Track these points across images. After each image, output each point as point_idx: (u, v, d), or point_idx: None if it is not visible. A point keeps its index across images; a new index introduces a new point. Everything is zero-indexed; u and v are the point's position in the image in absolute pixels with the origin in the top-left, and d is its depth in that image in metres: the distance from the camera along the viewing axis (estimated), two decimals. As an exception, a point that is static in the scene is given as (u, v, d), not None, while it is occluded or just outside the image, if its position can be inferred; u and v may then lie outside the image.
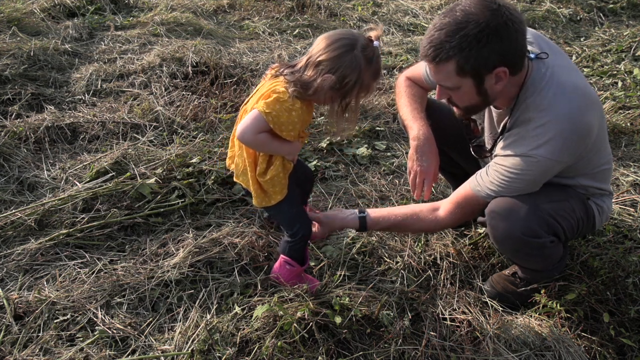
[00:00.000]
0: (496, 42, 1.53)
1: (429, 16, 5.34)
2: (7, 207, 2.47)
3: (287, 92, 1.68)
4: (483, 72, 1.59)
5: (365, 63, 1.67)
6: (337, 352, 1.76)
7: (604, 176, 1.88)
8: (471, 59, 1.55)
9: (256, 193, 1.84)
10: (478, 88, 1.65)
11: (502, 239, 1.78)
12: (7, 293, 2.02)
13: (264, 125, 1.66)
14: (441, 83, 1.68)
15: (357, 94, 1.72)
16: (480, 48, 1.53)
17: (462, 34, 1.53)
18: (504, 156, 1.73)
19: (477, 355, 1.78)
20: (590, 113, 1.66)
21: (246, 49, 4.51)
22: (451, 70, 1.60)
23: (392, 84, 3.90)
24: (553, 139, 1.62)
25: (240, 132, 1.68)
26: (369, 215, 2.00)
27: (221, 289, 2.04)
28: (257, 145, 1.74)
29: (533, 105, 1.66)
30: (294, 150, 1.81)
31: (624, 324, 1.89)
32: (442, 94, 1.74)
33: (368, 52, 1.68)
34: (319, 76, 1.65)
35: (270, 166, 1.80)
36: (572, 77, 1.70)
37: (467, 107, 1.76)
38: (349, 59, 1.64)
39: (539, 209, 1.72)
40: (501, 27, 1.53)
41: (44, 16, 4.76)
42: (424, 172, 2.01)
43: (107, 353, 1.77)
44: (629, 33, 4.66)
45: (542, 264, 1.89)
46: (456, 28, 1.54)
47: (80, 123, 3.18)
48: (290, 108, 1.67)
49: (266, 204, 1.86)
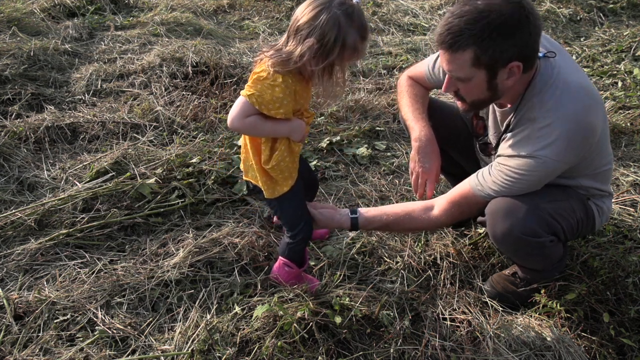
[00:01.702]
0: (517, 35, 1.51)
1: (429, 16, 5.34)
2: (7, 207, 2.47)
3: (267, 69, 1.61)
4: (498, 65, 1.57)
5: (344, 19, 1.55)
6: (337, 352, 1.76)
7: (604, 177, 1.87)
8: (490, 50, 1.53)
9: (266, 185, 1.80)
10: (489, 82, 1.62)
11: (501, 238, 1.77)
12: (7, 293, 2.02)
13: (249, 108, 1.61)
14: (453, 73, 1.64)
15: (341, 53, 1.59)
16: (502, 40, 1.51)
17: (484, 22, 1.50)
18: (508, 156, 1.71)
19: (477, 355, 1.78)
20: (595, 113, 1.65)
21: (246, 49, 4.51)
22: (467, 59, 1.56)
23: (392, 84, 3.90)
24: (559, 139, 1.61)
25: (229, 120, 1.64)
26: (361, 215, 1.97)
27: (221, 289, 2.04)
28: (249, 129, 1.68)
29: (539, 104, 1.65)
30: (295, 128, 1.72)
31: (624, 324, 1.89)
32: (450, 86, 1.71)
33: (346, 7, 1.56)
34: (299, 44, 1.57)
35: (274, 152, 1.74)
36: (578, 76, 1.69)
37: (474, 102, 1.74)
38: (325, 17, 1.54)
39: (538, 209, 1.71)
40: (523, 21, 1.50)
41: (44, 16, 4.76)
42: (425, 173, 2.01)
43: (107, 353, 1.77)
44: (629, 33, 4.66)
45: (542, 264, 1.89)
46: (478, 16, 1.50)
47: (80, 123, 3.18)
48: (273, 84, 1.60)
49: (278, 193, 1.80)
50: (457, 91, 1.72)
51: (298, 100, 1.70)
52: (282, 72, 1.61)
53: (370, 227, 2.03)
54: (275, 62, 1.60)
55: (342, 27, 1.55)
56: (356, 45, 1.60)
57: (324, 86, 1.68)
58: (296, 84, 1.66)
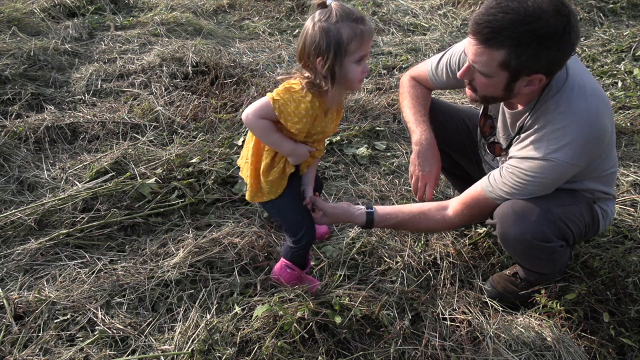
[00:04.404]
0: (553, 50, 1.48)
1: (429, 16, 5.34)
2: (7, 207, 2.47)
3: (302, 84, 1.63)
4: (523, 72, 1.54)
5: (327, 23, 1.53)
6: (337, 352, 1.76)
7: (610, 180, 1.86)
8: (523, 57, 1.49)
9: (251, 188, 1.82)
10: (508, 84, 1.60)
11: (512, 242, 1.75)
12: (7, 293, 2.02)
13: (269, 112, 1.62)
14: (476, 65, 1.59)
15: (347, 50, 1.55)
16: (538, 50, 1.47)
17: (528, 28, 1.44)
18: (520, 158, 1.69)
19: (477, 355, 1.78)
20: (606, 116, 1.65)
21: (246, 49, 4.51)
22: (496, 59, 1.52)
23: (392, 84, 3.89)
24: (572, 142, 1.59)
25: (246, 113, 1.64)
26: (376, 211, 1.94)
27: (221, 289, 2.04)
28: (258, 130, 1.68)
29: (553, 107, 1.64)
30: (298, 152, 1.74)
31: (624, 324, 1.89)
32: (467, 74, 1.66)
33: (325, 14, 1.55)
34: (316, 66, 1.58)
35: (273, 167, 1.76)
36: (589, 79, 1.68)
37: (485, 96, 1.71)
38: (311, 33, 1.55)
39: (550, 213, 1.69)
40: (565, 37, 1.46)
41: (44, 16, 4.76)
42: (425, 177, 2.01)
43: (107, 353, 1.77)
44: (629, 33, 4.66)
45: (550, 268, 1.89)
46: (524, 19, 1.44)
47: (80, 123, 3.18)
48: (300, 99, 1.62)
49: (258, 200, 1.84)
50: (472, 81, 1.68)
51: (314, 126, 1.71)
52: (314, 92, 1.63)
53: (384, 225, 1.98)
54: (309, 82, 1.62)
55: (330, 29, 1.53)
56: (355, 31, 1.54)
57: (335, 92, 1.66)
58: (319, 110, 1.68)
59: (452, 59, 1.99)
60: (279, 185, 1.81)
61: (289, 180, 1.82)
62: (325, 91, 1.63)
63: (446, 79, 2.04)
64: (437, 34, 4.86)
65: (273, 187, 1.80)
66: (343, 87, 1.64)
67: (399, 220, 1.94)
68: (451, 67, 1.99)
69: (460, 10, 5.35)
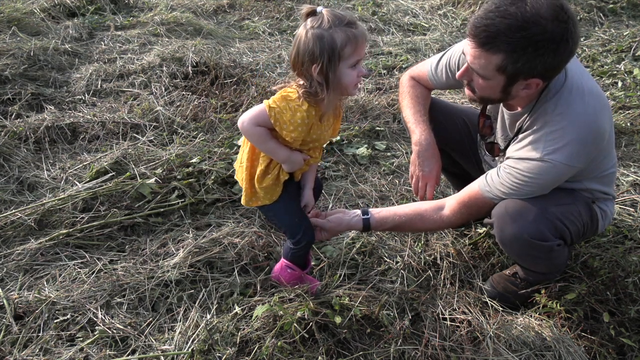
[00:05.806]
0: (550, 56, 1.48)
1: (429, 16, 5.34)
2: (7, 207, 2.47)
3: (298, 93, 1.63)
4: (520, 76, 1.54)
5: (320, 30, 1.53)
6: (337, 352, 1.76)
7: (609, 180, 1.87)
8: (519, 62, 1.49)
9: (246, 192, 1.82)
10: (505, 88, 1.61)
11: (509, 241, 1.75)
12: (7, 293, 2.02)
13: (265, 119, 1.63)
14: (474, 67, 1.60)
15: (341, 55, 1.55)
16: (534, 56, 1.47)
17: (525, 34, 1.44)
18: (518, 159, 1.69)
19: (477, 355, 1.78)
20: (604, 117, 1.65)
21: (246, 49, 4.51)
22: (493, 63, 1.53)
23: (392, 84, 3.90)
24: (569, 144, 1.59)
25: (242, 119, 1.65)
26: (372, 216, 1.95)
27: (221, 289, 2.04)
28: (254, 137, 1.69)
29: (551, 108, 1.64)
30: (292, 160, 1.74)
31: (624, 324, 1.89)
32: (465, 75, 1.67)
33: (317, 20, 1.55)
34: (311, 73, 1.58)
35: (268, 173, 1.77)
36: (588, 81, 1.68)
37: (483, 97, 1.72)
38: (304, 40, 1.55)
39: (547, 212, 1.70)
40: (562, 44, 1.46)
41: (44, 16, 4.76)
42: (425, 177, 2.01)
43: (107, 353, 1.77)
44: (629, 33, 4.66)
45: (548, 267, 1.89)
46: (521, 25, 1.44)
47: (80, 123, 3.18)
48: (297, 108, 1.62)
49: (254, 204, 1.84)
50: (470, 81, 1.69)
51: (310, 134, 1.71)
52: (310, 101, 1.63)
53: (382, 228, 2.00)
54: (305, 90, 1.62)
55: (323, 35, 1.53)
56: (349, 35, 1.54)
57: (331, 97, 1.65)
58: (315, 118, 1.68)
59: (452, 59, 1.99)
60: (273, 191, 1.81)
61: (284, 184, 1.82)
62: (321, 99, 1.63)
63: (446, 79, 2.04)
64: (437, 34, 4.86)
65: (267, 193, 1.80)
66: (338, 92, 1.64)
67: (396, 222, 1.95)
68: (451, 68, 2.00)
69: (460, 10, 5.35)
